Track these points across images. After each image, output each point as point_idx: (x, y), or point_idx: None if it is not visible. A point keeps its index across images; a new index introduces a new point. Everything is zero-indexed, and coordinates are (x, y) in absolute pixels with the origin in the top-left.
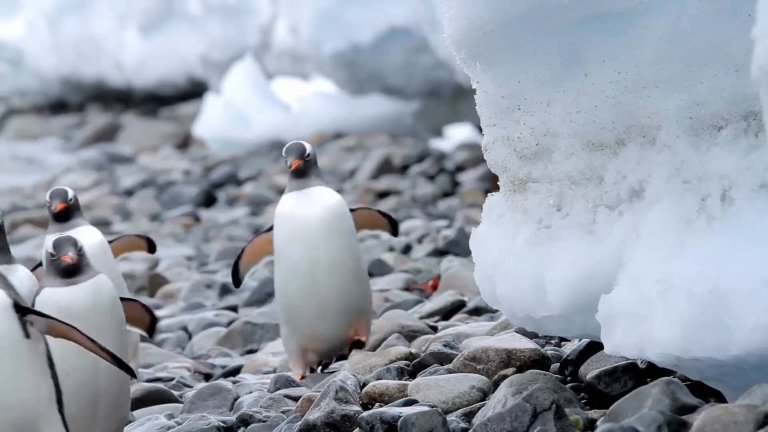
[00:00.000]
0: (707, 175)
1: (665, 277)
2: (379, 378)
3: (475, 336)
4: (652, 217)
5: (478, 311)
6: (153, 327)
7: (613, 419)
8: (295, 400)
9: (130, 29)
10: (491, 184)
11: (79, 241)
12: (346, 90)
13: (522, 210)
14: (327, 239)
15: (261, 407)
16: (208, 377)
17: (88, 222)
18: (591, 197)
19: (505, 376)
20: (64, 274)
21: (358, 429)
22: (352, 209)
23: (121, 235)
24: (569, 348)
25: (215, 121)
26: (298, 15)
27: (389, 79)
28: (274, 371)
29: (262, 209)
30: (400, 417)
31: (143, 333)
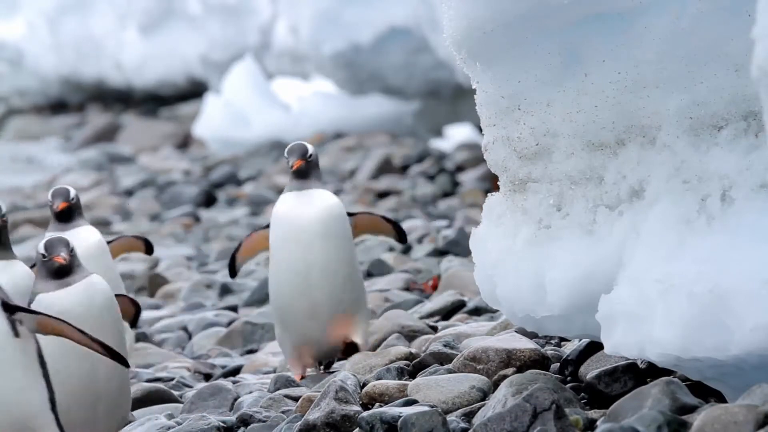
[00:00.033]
0: (707, 175)
1: (665, 277)
2: (379, 378)
3: (475, 336)
4: (652, 217)
5: (478, 311)
6: (136, 318)
7: (613, 419)
8: (295, 400)
9: (130, 29)
10: (491, 184)
11: (71, 242)
12: (346, 90)
13: (522, 210)
14: (321, 241)
15: (261, 407)
16: (208, 377)
17: (89, 222)
18: (591, 197)
19: (505, 376)
20: (56, 275)
21: (358, 429)
22: (352, 213)
23: (119, 236)
24: (569, 348)
25: (215, 121)
26: (298, 15)
27: (389, 79)
28: (274, 371)
29: (262, 209)
30: (400, 417)
31: (126, 324)
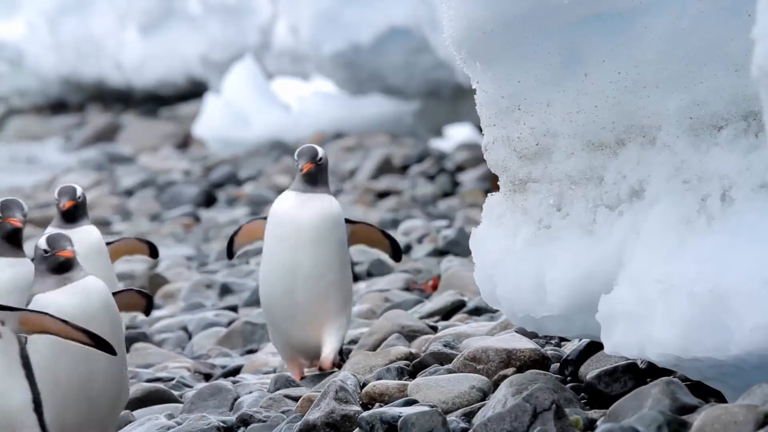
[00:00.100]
0: (707, 175)
1: (665, 277)
2: (379, 378)
3: (475, 336)
4: (652, 217)
5: (478, 311)
6: (149, 307)
7: (613, 419)
8: (295, 400)
9: (130, 29)
10: (491, 184)
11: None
12: (346, 90)
13: (522, 210)
14: (311, 245)
15: (261, 407)
16: (208, 377)
17: (91, 221)
18: (591, 197)
19: (505, 376)
20: (56, 271)
21: (358, 429)
22: (353, 221)
23: (122, 237)
24: (569, 348)
25: (215, 121)
26: (298, 15)
27: (389, 79)
28: (274, 371)
29: (262, 209)
30: (400, 417)
31: (141, 314)
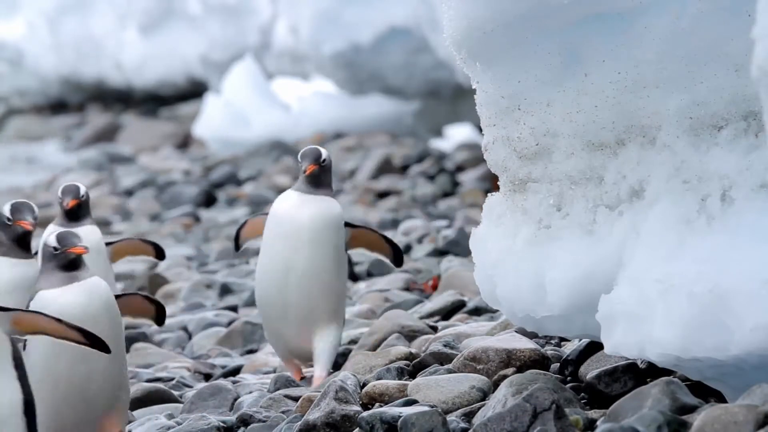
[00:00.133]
0: (707, 175)
1: (665, 277)
2: (379, 378)
3: (475, 336)
4: (652, 217)
5: (478, 311)
6: (161, 316)
7: (613, 419)
8: (295, 400)
9: (130, 29)
10: (491, 184)
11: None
12: (346, 90)
13: (522, 210)
14: (307, 246)
15: (261, 407)
16: (208, 377)
17: (93, 220)
18: (591, 197)
19: (505, 376)
20: (67, 267)
21: (358, 429)
22: (353, 225)
23: (125, 237)
24: (569, 348)
25: (215, 121)
26: (298, 15)
27: (389, 79)
28: (274, 371)
29: (262, 209)
30: (400, 417)
31: (152, 323)
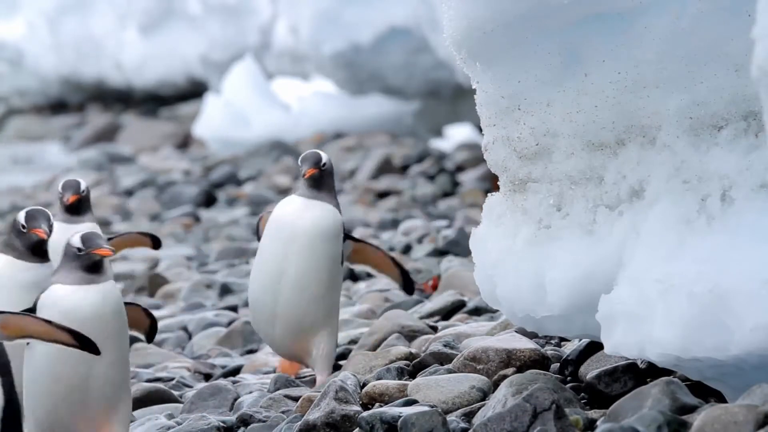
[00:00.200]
0: (707, 175)
1: (665, 277)
2: (379, 378)
3: (475, 336)
4: (652, 217)
5: (478, 311)
6: (152, 331)
7: (613, 419)
8: (295, 400)
9: (130, 29)
10: (491, 184)
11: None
12: (346, 90)
13: (522, 210)
14: (301, 254)
15: (261, 407)
16: (208, 377)
17: (94, 216)
18: (591, 197)
19: (505, 376)
20: (90, 269)
21: (358, 429)
22: (357, 239)
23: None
24: (569, 348)
25: (215, 121)
26: (298, 15)
27: (389, 79)
28: (274, 371)
29: (262, 209)
30: (400, 417)
31: (141, 337)
